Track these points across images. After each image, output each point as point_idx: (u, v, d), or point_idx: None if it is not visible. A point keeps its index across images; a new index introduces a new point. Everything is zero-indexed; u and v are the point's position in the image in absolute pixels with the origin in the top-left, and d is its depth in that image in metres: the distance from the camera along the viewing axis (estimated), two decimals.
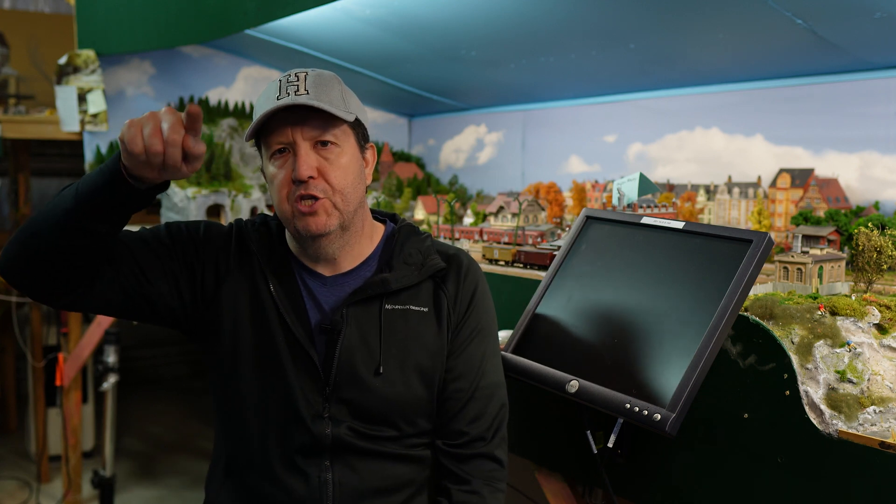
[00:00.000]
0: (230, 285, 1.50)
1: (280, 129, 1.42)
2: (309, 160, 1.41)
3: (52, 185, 5.68)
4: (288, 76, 1.45)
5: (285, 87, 1.42)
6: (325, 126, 1.43)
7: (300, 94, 1.41)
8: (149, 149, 1.23)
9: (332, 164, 1.43)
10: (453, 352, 1.52)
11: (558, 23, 2.83)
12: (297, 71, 1.46)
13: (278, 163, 1.44)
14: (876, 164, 2.55)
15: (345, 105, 1.46)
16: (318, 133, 1.42)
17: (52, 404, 4.53)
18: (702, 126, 3.10)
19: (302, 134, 1.42)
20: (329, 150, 1.44)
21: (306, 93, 1.41)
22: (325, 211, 1.43)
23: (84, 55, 3.84)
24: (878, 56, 2.48)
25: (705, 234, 1.62)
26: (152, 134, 1.23)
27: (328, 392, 1.45)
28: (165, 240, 1.50)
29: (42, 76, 4.85)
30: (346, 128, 1.46)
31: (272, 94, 1.43)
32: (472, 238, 2.97)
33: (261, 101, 1.46)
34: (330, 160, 1.43)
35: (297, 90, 1.41)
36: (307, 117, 1.41)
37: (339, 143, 1.45)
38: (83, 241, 1.33)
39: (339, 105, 1.44)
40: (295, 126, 1.41)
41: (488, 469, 1.51)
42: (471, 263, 1.58)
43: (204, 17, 3.37)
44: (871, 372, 1.42)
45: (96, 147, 3.93)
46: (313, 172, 1.41)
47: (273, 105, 1.40)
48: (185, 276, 1.50)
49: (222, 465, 1.54)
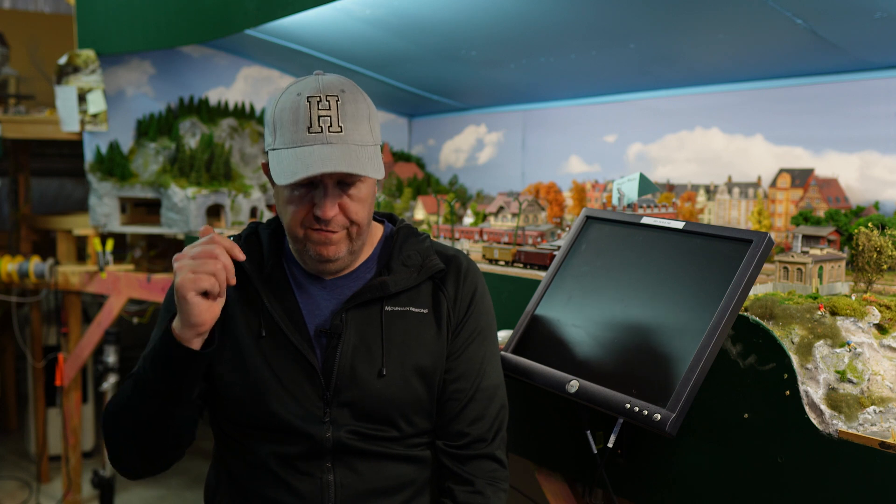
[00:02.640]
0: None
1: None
2: (333, 200, 1.39)
3: (52, 185, 5.69)
4: (318, 99, 1.37)
5: (316, 115, 1.36)
6: (354, 173, 1.39)
7: (333, 130, 1.36)
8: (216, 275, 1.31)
9: (353, 199, 1.41)
10: (453, 353, 1.51)
11: (558, 23, 2.83)
12: (327, 92, 1.37)
13: (298, 192, 1.40)
14: (876, 164, 2.55)
15: (372, 136, 1.42)
16: (346, 176, 1.40)
17: (52, 404, 4.53)
18: (702, 126, 3.10)
19: (332, 176, 1.39)
20: (353, 185, 1.41)
21: (339, 130, 1.36)
22: (339, 241, 1.43)
23: (84, 55, 3.84)
24: (878, 56, 2.48)
25: (705, 234, 1.62)
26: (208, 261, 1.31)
27: (329, 396, 1.44)
28: None
29: (42, 76, 4.86)
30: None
31: (300, 119, 1.36)
32: (472, 238, 2.97)
33: (285, 120, 1.38)
34: (352, 196, 1.41)
35: (331, 125, 1.36)
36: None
37: (363, 178, 1.42)
38: (185, 411, 1.42)
39: (368, 139, 1.40)
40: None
41: (490, 469, 1.51)
42: (470, 265, 1.58)
43: (204, 16, 3.37)
44: (871, 372, 1.42)
45: (96, 147, 3.93)
46: (336, 211, 1.40)
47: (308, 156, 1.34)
48: None
49: (222, 468, 1.54)
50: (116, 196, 3.95)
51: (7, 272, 4.10)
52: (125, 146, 4.01)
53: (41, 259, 4.14)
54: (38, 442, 4.48)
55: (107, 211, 3.94)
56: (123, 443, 1.44)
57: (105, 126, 3.89)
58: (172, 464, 1.50)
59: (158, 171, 3.96)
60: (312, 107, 1.36)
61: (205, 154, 3.93)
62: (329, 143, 1.36)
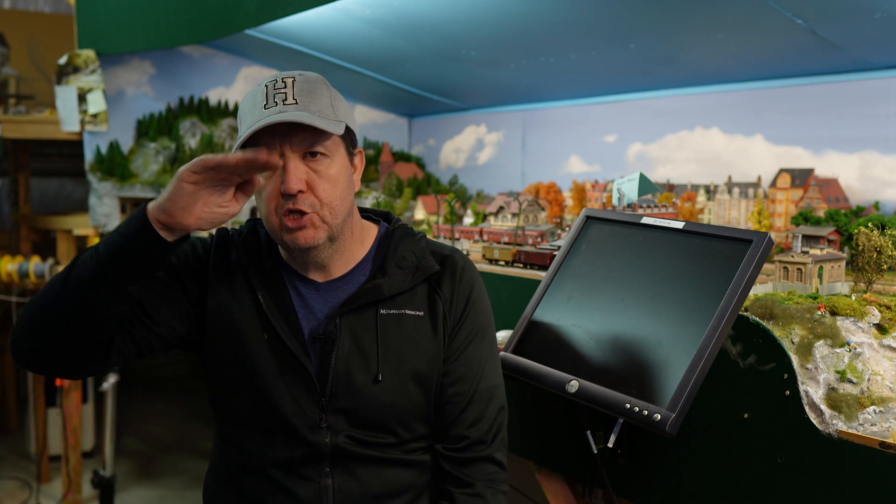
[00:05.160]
0: (214, 300, 1.48)
1: (268, 141, 1.37)
2: (298, 173, 1.37)
3: (52, 185, 5.69)
4: (274, 82, 1.40)
5: (272, 94, 1.38)
6: (315, 137, 1.38)
7: (288, 103, 1.37)
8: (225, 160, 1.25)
9: (321, 175, 1.39)
10: (450, 356, 1.50)
11: (558, 23, 2.83)
12: (283, 76, 1.41)
13: (266, 174, 1.39)
14: (876, 164, 2.55)
15: (334, 113, 1.41)
16: (308, 145, 1.38)
17: (52, 404, 4.53)
18: (702, 126, 3.10)
19: (291, 146, 1.37)
20: (318, 161, 1.39)
21: (294, 102, 1.37)
22: (312, 224, 1.40)
23: (84, 55, 3.84)
24: (878, 56, 2.48)
25: (705, 234, 1.62)
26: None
27: (324, 402, 1.43)
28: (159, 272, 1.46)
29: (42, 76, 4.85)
30: (336, 137, 1.42)
31: (258, 100, 1.39)
32: (472, 238, 2.97)
33: (246, 106, 1.42)
34: (319, 172, 1.39)
35: (286, 99, 1.37)
36: (296, 128, 1.37)
37: (329, 153, 1.41)
38: (111, 307, 1.31)
39: (329, 114, 1.40)
40: (284, 138, 1.37)
41: (490, 472, 1.50)
42: (466, 264, 1.56)
43: (204, 17, 3.37)
44: (871, 372, 1.42)
45: (96, 147, 3.93)
46: (302, 186, 1.37)
47: (262, 118, 1.36)
48: (185, 299, 1.48)
49: (220, 471, 1.54)
50: (116, 196, 3.95)
51: (7, 272, 4.10)
52: (125, 146, 4.01)
53: (41, 259, 4.14)
54: (38, 442, 4.47)
55: (107, 211, 3.94)
56: (41, 319, 1.33)
57: (105, 126, 3.89)
58: (78, 369, 1.39)
59: (158, 171, 3.96)
60: (269, 89, 1.40)
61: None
62: (284, 112, 1.37)
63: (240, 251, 1.50)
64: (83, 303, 1.30)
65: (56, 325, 1.32)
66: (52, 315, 1.32)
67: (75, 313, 1.30)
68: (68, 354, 1.36)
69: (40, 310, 1.33)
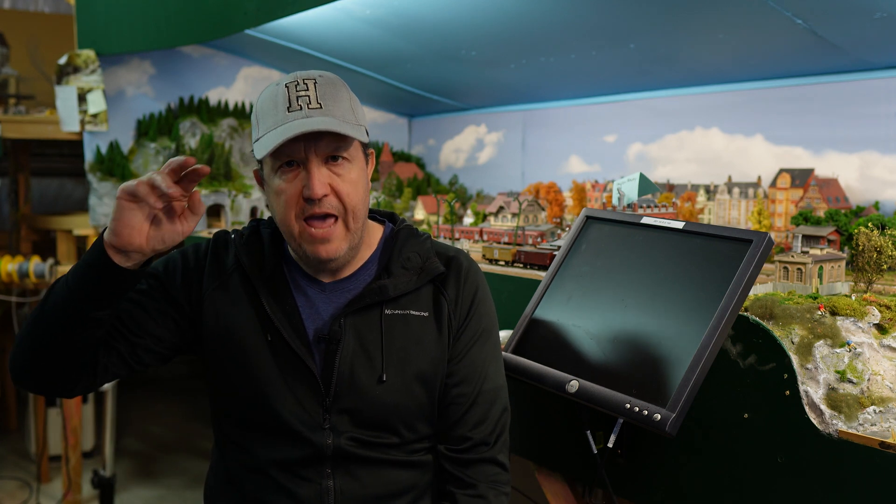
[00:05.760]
0: (211, 305, 1.48)
1: (292, 146, 1.37)
2: (322, 177, 1.38)
3: (52, 185, 5.69)
4: (296, 83, 1.40)
5: (295, 96, 1.38)
6: (339, 142, 1.39)
7: (313, 107, 1.37)
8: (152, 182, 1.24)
9: (343, 179, 1.40)
10: (455, 357, 1.50)
11: (558, 23, 2.83)
12: (304, 77, 1.41)
13: (287, 177, 1.39)
14: (876, 164, 2.55)
15: (354, 116, 1.42)
16: (333, 150, 1.39)
17: (52, 404, 4.53)
18: (702, 126, 3.10)
19: (315, 151, 1.38)
20: (340, 165, 1.40)
21: (319, 106, 1.38)
22: (338, 237, 1.41)
23: (84, 55, 3.84)
24: (878, 56, 2.48)
25: (705, 234, 1.62)
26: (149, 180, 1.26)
27: (328, 403, 1.43)
28: (142, 284, 1.48)
29: (42, 76, 4.85)
30: (356, 142, 1.43)
31: (280, 102, 1.39)
32: (472, 238, 2.97)
33: (265, 106, 1.41)
34: (341, 176, 1.40)
35: (310, 102, 1.38)
36: (322, 133, 1.37)
37: (350, 157, 1.42)
38: (86, 332, 1.34)
39: (350, 118, 1.41)
40: (309, 142, 1.37)
41: (492, 473, 1.50)
42: (471, 265, 1.56)
43: (204, 17, 3.37)
44: (871, 372, 1.42)
45: (96, 147, 3.93)
46: (327, 190, 1.38)
47: (286, 122, 1.36)
48: (171, 308, 1.49)
49: (221, 471, 1.54)
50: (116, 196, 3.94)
51: (7, 272, 4.10)
52: (125, 146, 4.01)
53: (41, 259, 4.14)
54: (38, 442, 4.47)
55: (107, 211, 3.94)
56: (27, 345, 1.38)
57: (105, 126, 3.89)
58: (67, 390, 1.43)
59: None
60: (291, 91, 1.39)
61: (205, 154, 3.93)
62: (310, 116, 1.37)
63: (241, 253, 1.50)
64: (58, 329, 1.34)
65: (39, 349, 1.37)
66: (36, 340, 1.37)
67: (55, 337, 1.34)
68: (55, 376, 1.40)
69: (27, 335, 1.38)
